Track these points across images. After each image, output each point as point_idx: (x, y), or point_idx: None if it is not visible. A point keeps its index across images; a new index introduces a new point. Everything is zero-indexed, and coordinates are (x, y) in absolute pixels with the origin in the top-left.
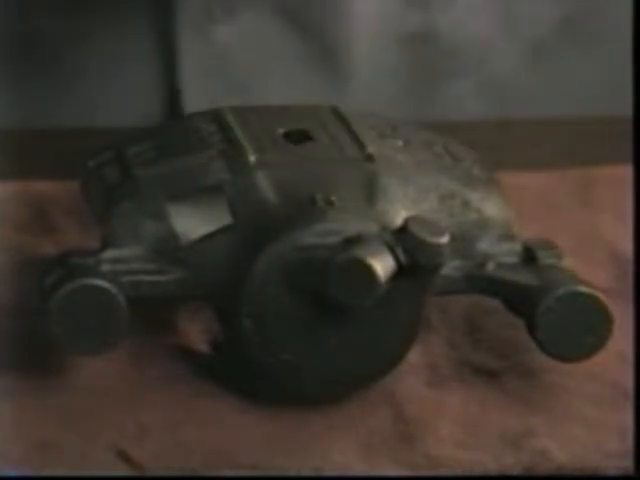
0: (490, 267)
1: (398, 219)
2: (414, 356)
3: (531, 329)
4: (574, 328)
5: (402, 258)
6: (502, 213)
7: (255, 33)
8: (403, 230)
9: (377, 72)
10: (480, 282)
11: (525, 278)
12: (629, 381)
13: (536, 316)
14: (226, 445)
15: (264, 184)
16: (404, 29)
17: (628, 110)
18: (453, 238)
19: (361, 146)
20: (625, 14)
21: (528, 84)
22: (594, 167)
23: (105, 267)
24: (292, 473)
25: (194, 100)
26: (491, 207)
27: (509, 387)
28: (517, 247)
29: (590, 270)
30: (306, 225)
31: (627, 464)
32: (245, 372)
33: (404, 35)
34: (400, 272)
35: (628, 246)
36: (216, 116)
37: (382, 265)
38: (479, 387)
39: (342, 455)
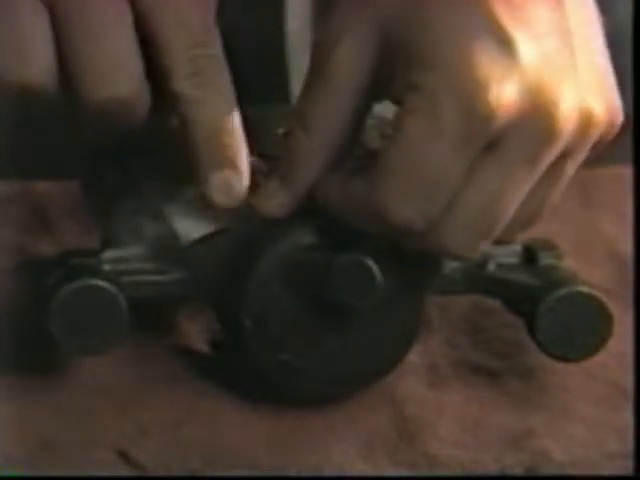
0: (490, 267)
1: None
2: (414, 356)
3: (531, 329)
4: (574, 328)
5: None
6: None
7: None
8: None
9: None
10: (480, 282)
11: (525, 278)
12: (629, 381)
13: (536, 316)
14: (226, 445)
15: None
16: None
17: (628, 110)
18: None
19: (361, 144)
20: (625, 14)
21: None
22: (594, 167)
23: (105, 267)
24: (292, 473)
25: None
26: None
27: (509, 387)
28: (517, 247)
29: (590, 270)
30: (306, 225)
31: (627, 464)
32: (245, 372)
33: None
34: (400, 272)
35: (628, 246)
36: None
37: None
38: (479, 387)
39: (342, 455)
